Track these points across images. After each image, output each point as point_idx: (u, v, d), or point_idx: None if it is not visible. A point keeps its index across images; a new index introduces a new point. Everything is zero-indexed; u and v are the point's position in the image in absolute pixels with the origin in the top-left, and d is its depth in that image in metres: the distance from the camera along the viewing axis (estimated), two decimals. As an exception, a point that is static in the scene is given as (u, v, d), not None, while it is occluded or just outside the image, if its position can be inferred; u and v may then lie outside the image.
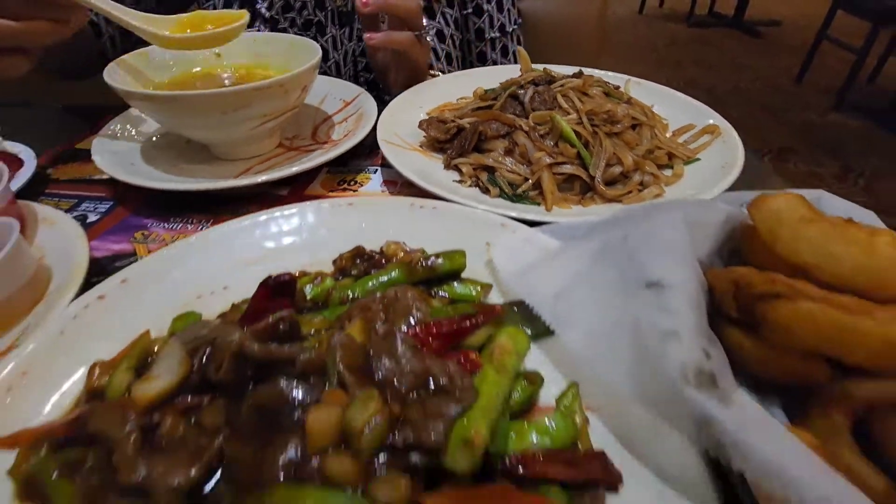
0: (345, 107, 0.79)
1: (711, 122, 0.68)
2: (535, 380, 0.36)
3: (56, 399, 0.36)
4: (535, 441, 0.31)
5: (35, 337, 0.37)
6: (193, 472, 0.28)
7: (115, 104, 0.71)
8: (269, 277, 0.37)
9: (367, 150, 0.72)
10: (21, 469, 0.30)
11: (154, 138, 0.72)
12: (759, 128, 3.62)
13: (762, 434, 0.25)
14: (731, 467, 0.25)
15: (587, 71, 0.78)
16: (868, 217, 0.44)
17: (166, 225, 0.60)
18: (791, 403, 0.37)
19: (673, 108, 0.75)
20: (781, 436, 0.25)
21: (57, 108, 0.91)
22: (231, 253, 0.47)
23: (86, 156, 0.67)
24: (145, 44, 0.65)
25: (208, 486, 0.29)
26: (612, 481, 0.30)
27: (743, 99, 4.10)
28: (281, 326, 0.31)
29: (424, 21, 0.80)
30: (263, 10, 0.90)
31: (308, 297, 0.41)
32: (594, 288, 0.37)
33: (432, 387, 0.30)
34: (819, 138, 3.44)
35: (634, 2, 6.21)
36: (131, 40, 0.87)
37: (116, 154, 0.66)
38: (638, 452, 0.32)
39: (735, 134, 0.65)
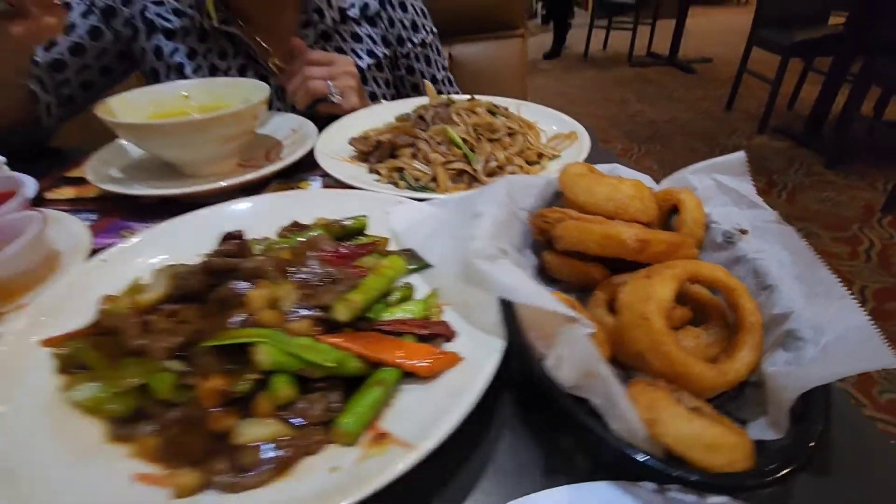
0: (292, 134, 0.98)
1: (573, 129, 0.90)
2: (409, 287, 0.53)
3: (78, 320, 0.51)
4: (399, 315, 0.48)
5: (64, 279, 0.54)
6: (175, 340, 0.44)
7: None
8: (227, 232, 0.55)
9: (310, 165, 0.91)
10: (60, 352, 0.46)
11: (131, 164, 0.89)
12: (695, 151, 3.99)
13: (501, 273, 0.43)
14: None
15: (500, 100, 0.99)
16: (645, 179, 0.64)
17: (147, 226, 0.77)
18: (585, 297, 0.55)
19: (552, 122, 0.97)
20: (510, 271, 0.44)
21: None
22: (201, 230, 0.64)
23: (73, 182, 0.85)
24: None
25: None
26: (450, 335, 0.48)
27: (680, 128, 4.49)
28: (229, 247, 0.49)
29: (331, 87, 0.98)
30: (191, 75, 1.07)
31: (254, 252, 0.58)
32: (446, 227, 0.55)
33: (331, 280, 0.47)
34: (749, 156, 3.82)
35: (581, 47, 6.74)
36: (66, 108, 1.05)
37: (104, 174, 0.83)
38: (468, 318, 0.49)
39: (587, 138, 0.86)
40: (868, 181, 3.30)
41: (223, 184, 0.78)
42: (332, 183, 0.84)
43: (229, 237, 0.54)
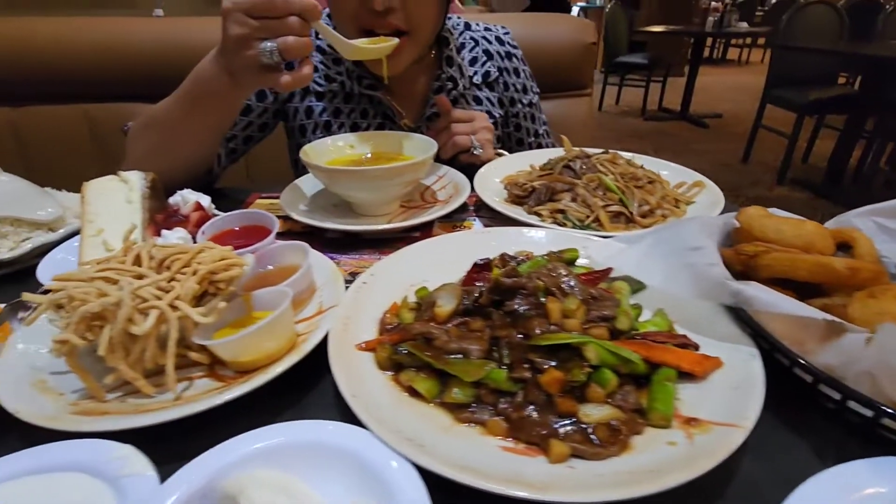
0: (438, 180, 1.10)
1: (698, 179, 1.03)
2: (638, 307, 0.64)
3: (363, 332, 0.61)
4: (651, 328, 0.59)
5: (345, 300, 0.64)
6: (485, 344, 0.54)
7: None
8: (477, 261, 0.66)
9: (460, 208, 1.02)
10: (380, 355, 0.56)
11: (309, 203, 1.02)
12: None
13: (761, 293, 0.53)
14: (749, 313, 0.54)
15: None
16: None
17: (347, 257, 0.87)
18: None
19: (670, 172, 1.10)
20: (768, 291, 0.54)
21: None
22: (419, 259, 0.75)
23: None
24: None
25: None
26: (694, 345, 0.58)
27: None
28: (510, 270, 0.59)
29: (473, 140, 1.13)
30: (336, 132, 1.19)
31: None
32: (656, 257, 0.66)
33: (594, 297, 0.58)
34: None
35: (595, 102, 7.07)
36: (229, 159, 1.19)
37: (298, 212, 0.94)
38: (697, 330, 0.59)
39: (716, 187, 0.99)
40: (893, 231, 3.43)
41: (409, 223, 0.89)
42: (488, 222, 0.96)
43: (479, 266, 0.65)
